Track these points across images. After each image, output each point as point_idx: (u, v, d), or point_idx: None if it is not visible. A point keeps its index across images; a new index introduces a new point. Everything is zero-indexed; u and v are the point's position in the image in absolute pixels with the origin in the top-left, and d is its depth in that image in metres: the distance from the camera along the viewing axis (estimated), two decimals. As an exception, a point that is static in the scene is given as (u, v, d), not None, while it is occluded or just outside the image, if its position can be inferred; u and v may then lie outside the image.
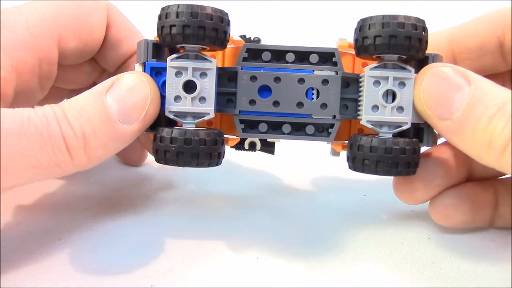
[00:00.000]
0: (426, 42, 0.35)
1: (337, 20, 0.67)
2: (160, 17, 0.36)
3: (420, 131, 0.38)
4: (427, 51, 0.36)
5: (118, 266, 0.37)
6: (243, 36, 0.41)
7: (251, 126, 0.38)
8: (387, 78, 0.36)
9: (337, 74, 0.37)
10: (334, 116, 0.37)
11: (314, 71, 0.37)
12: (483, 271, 0.37)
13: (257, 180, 0.53)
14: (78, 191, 0.49)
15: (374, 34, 0.35)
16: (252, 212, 0.45)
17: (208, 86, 0.36)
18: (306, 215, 0.45)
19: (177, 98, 0.36)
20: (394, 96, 0.36)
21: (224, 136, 0.38)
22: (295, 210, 0.46)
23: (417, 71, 0.36)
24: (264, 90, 0.37)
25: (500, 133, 0.31)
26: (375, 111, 0.36)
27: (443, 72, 0.34)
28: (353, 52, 0.38)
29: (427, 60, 0.37)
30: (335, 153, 0.41)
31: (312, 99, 0.37)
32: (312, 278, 0.36)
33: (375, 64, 0.36)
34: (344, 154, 0.39)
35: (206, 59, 0.36)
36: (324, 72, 0.37)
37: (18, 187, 0.34)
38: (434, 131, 0.38)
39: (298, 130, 0.38)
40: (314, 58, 0.38)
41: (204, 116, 0.37)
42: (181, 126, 0.37)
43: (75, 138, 0.33)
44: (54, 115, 0.33)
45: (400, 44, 0.34)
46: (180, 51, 0.37)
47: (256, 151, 0.43)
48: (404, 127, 0.36)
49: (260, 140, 0.42)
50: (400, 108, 0.36)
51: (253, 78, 0.37)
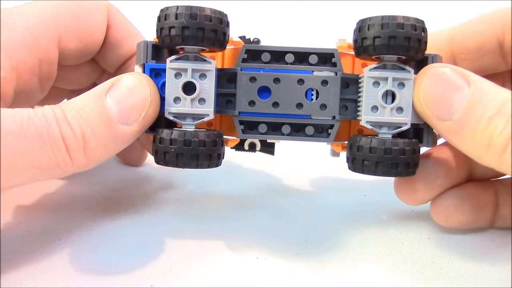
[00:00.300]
0: (426, 43, 0.35)
1: (336, 20, 0.67)
2: (159, 18, 0.36)
3: (420, 131, 0.38)
4: (427, 51, 0.36)
5: (118, 266, 0.37)
6: (243, 37, 0.42)
7: (250, 127, 0.38)
8: (386, 79, 0.36)
9: (336, 75, 0.37)
10: (334, 117, 0.37)
11: (313, 72, 0.37)
12: (483, 271, 0.37)
13: (257, 180, 0.53)
14: (78, 191, 0.49)
15: (373, 35, 0.35)
16: (252, 212, 0.45)
17: (207, 87, 0.36)
18: (306, 215, 0.45)
19: (176, 99, 0.36)
20: (393, 97, 0.36)
21: (224, 137, 0.38)
22: (295, 210, 0.46)
23: (416, 72, 0.36)
24: (264, 91, 0.37)
25: (500, 133, 0.31)
26: (375, 112, 0.36)
27: (442, 72, 0.34)
28: (352, 52, 0.38)
29: (426, 61, 0.37)
30: (334, 153, 0.41)
31: (312, 100, 0.37)
32: (312, 278, 0.36)
33: (374, 64, 0.36)
34: (343, 154, 0.39)
35: (206, 61, 0.36)
36: (324, 73, 0.37)
37: (18, 187, 0.34)
38: (434, 131, 0.38)
39: (298, 131, 0.38)
40: (313, 59, 0.38)
41: (203, 117, 0.37)
42: (180, 127, 0.37)
43: (75, 139, 0.33)
44: (53, 116, 0.33)
45: (399, 45, 0.34)
46: (180, 52, 0.37)
47: (256, 152, 0.43)
48: (404, 128, 0.36)
49: (260, 141, 0.42)
50: (400, 109, 0.36)
51: (252, 79, 0.37)
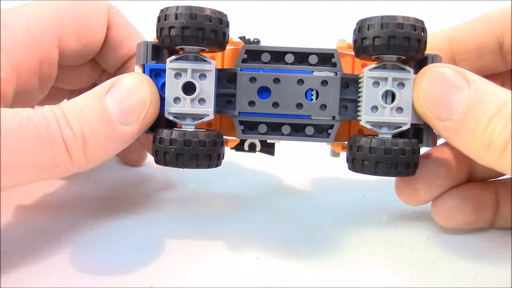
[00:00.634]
0: (425, 43, 0.35)
1: (336, 20, 0.67)
2: (159, 19, 0.36)
3: (420, 131, 0.38)
4: (427, 51, 0.36)
5: (118, 266, 0.37)
6: (243, 38, 0.42)
7: (250, 127, 0.38)
8: (386, 79, 0.36)
9: (336, 75, 0.37)
10: (334, 117, 0.37)
11: (313, 72, 0.37)
12: (483, 271, 0.37)
13: (257, 181, 0.53)
14: (78, 191, 0.49)
15: (373, 35, 0.34)
16: (252, 212, 0.45)
17: (207, 88, 0.36)
18: (306, 215, 0.45)
19: (176, 100, 0.36)
20: (393, 97, 0.36)
21: (224, 137, 0.38)
22: (295, 210, 0.46)
23: (416, 72, 0.36)
24: (264, 91, 0.37)
25: (500, 133, 0.31)
26: (375, 112, 0.36)
27: (442, 72, 0.34)
28: (352, 53, 0.38)
29: (426, 61, 0.37)
30: (334, 154, 0.41)
31: (312, 100, 0.37)
32: (312, 278, 0.36)
33: (374, 64, 0.36)
34: (343, 154, 0.39)
35: (206, 61, 0.36)
36: (324, 73, 0.37)
37: (18, 187, 0.34)
38: (434, 131, 0.37)
39: (298, 131, 0.38)
40: (313, 59, 0.38)
41: (203, 118, 0.37)
42: (180, 128, 0.37)
43: (74, 139, 0.33)
44: (53, 116, 0.33)
45: (399, 45, 0.34)
46: (180, 52, 0.37)
47: (256, 152, 0.43)
48: (404, 128, 0.36)
49: (260, 141, 0.42)
50: (400, 109, 0.36)
51: (252, 79, 0.37)
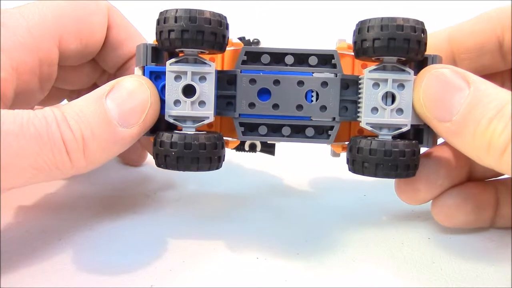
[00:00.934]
0: (425, 44, 0.35)
1: (336, 21, 0.67)
2: (158, 21, 0.35)
3: (420, 132, 0.38)
4: (427, 51, 0.36)
5: (118, 266, 0.37)
6: (242, 38, 0.41)
7: (251, 128, 0.38)
8: (386, 80, 0.36)
9: (336, 76, 0.37)
10: (334, 118, 0.37)
11: (313, 73, 0.37)
12: (483, 271, 0.37)
13: (257, 181, 0.53)
14: (79, 191, 0.49)
15: (373, 36, 0.34)
16: (252, 212, 0.46)
17: (207, 90, 0.36)
18: (306, 215, 0.45)
19: (176, 102, 0.36)
20: (393, 98, 0.36)
21: (224, 138, 0.38)
22: (295, 210, 0.46)
23: (416, 72, 0.36)
24: (264, 93, 0.37)
25: (500, 134, 0.31)
26: (375, 113, 0.36)
27: (442, 73, 0.34)
28: (352, 53, 0.38)
29: (426, 61, 0.37)
30: (335, 154, 0.41)
31: (312, 101, 0.37)
32: (312, 278, 0.36)
33: (374, 66, 0.36)
34: (344, 154, 0.39)
35: (205, 63, 0.36)
36: (323, 74, 0.37)
37: (18, 188, 0.34)
38: (434, 131, 0.37)
39: (298, 132, 0.38)
40: (313, 61, 0.38)
41: (204, 120, 0.37)
42: (181, 130, 0.37)
43: (74, 141, 0.33)
44: (54, 117, 0.33)
45: (399, 47, 0.34)
46: (179, 55, 0.37)
47: (257, 152, 0.43)
48: (404, 129, 0.36)
49: (260, 141, 0.42)
50: (400, 110, 0.36)
51: (252, 81, 0.37)
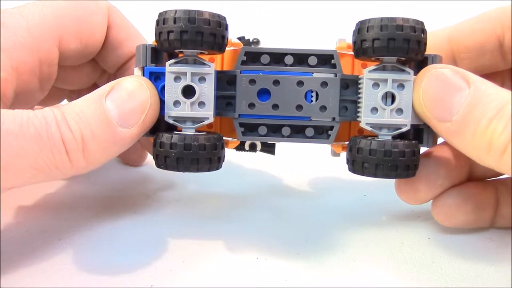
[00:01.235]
0: (425, 44, 0.35)
1: (336, 21, 0.67)
2: (157, 22, 0.35)
3: (420, 131, 0.38)
4: (427, 51, 0.36)
5: (118, 266, 0.37)
6: (242, 38, 0.41)
7: (250, 129, 0.38)
8: (386, 81, 0.36)
9: (336, 76, 0.37)
10: (334, 118, 0.37)
11: (313, 73, 0.37)
12: (483, 271, 0.37)
13: (257, 180, 0.53)
14: (79, 191, 0.49)
15: (373, 37, 0.34)
16: (252, 212, 0.46)
17: (207, 91, 0.36)
18: (306, 215, 0.45)
19: (176, 103, 0.36)
20: (393, 98, 0.36)
21: (224, 139, 0.38)
22: (295, 210, 0.46)
23: (416, 72, 0.36)
24: (263, 93, 0.37)
25: (500, 135, 0.31)
26: (375, 114, 0.36)
27: (442, 73, 0.34)
28: (352, 52, 0.38)
29: (426, 61, 0.37)
30: (335, 154, 0.41)
31: (311, 101, 0.37)
32: (312, 278, 0.36)
33: (374, 66, 0.36)
34: (344, 154, 0.39)
35: (205, 64, 0.36)
36: (323, 74, 0.37)
37: (18, 188, 0.34)
38: (434, 131, 0.37)
39: (298, 132, 0.38)
40: (313, 61, 0.37)
41: (203, 121, 0.37)
42: (180, 131, 0.37)
43: (74, 141, 0.33)
44: (53, 117, 0.33)
45: (399, 47, 0.34)
46: (179, 55, 0.37)
47: (257, 152, 0.43)
48: (404, 129, 0.36)
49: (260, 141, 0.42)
50: (400, 110, 0.36)
51: (252, 82, 0.37)
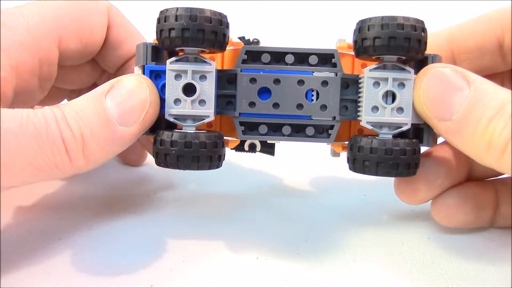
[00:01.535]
0: (426, 43, 0.35)
1: (336, 20, 0.67)
2: (159, 20, 0.35)
3: (420, 131, 0.38)
4: (427, 51, 0.36)
5: (118, 266, 0.37)
6: (242, 38, 0.41)
7: (251, 128, 0.38)
8: (386, 79, 0.36)
9: (336, 76, 0.37)
10: (334, 118, 0.37)
11: (313, 72, 0.37)
12: (483, 271, 0.37)
13: (257, 180, 0.53)
14: (79, 191, 0.49)
15: (374, 35, 0.34)
16: (252, 212, 0.45)
17: (207, 89, 0.36)
18: (306, 215, 0.45)
19: (177, 101, 0.36)
20: (394, 97, 0.36)
21: (224, 138, 0.38)
22: (295, 210, 0.46)
23: (416, 72, 0.36)
24: (264, 92, 0.37)
25: (500, 134, 0.31)
26: (375, 112, 0.36)
27: (442, 73, 0.34)
28: (352, 53, 0.38)
29: (426, 61, 0.37)
30: (335, 154, 0.41)
31: (312, 100, 0.37)
32: (312, 278, 0.36)
33: (374, 65, 0.36)
34: (344, 154, 0.39)
35: (206, 62, 0.36)
36: (324, 73, 0.37)
37: (18, 188, 0.34)
38: (434, 131, 0.37)
39: (298, 131, 0.38)
40: (313, 60, 0.38)
41: (204, 119, 0.37)
42: (181, 129, 0.37)
43: (74, 140, 0.33)
44: (53, 116, 0.33)
45: (399, 45, 0.34)
46: (179, 54, 0.37)
47: (256, 153, 0.43)
48: (404, 128, 0.36)
49: (260, 141, 0.42)
50: (400, 109, 0.36)
51: (252, 80, 0.37)
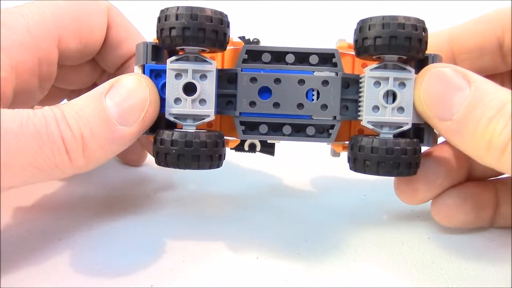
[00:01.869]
0: (426, 43, 0.35)
1: (336, 20, 0.67)
2: (159, 19, 0.35)
3: (421, 131, 0.38)
4: (427, 51, 0.36)
5: (118, 266, 0.37)
6: (242, 38, 0.41)
7: (251, 127, 0.38)
8: (387, 79, 0.36)
9: (337, 75, 0.37)
10: (335, 117, 0.37)
11: (314, 72, 0.37)
12: (483, 271, 0.37)
13: (257, 180, 0.53)
14: (78, 191, 0.49)
15: (374, 35, 0.34)
16: (252, 212, 0.45)
17: (208, 88, 0.36)
18: (306, 215, 0.45)
19: (177, 100, 0.36)
20: (394, 97, 0.36)
21: (224, 137, 0.38)
22: (295, 210, 0.46)
23: (417, 72, 0.36)
24: (264, 92, 0.37)
25: (500, 134, 0.31)
26: (376, 112, 0.36)
27: (443, 72, 0.34)
28: (352, 52, 0.38)
29: (427, 60, 0.37)
30: (335, 153, 0.41)
31: (313, 100, 0.37)
32: (312, 278, 0.36)
33: (375, 64, 0.36)
34: (344, 154, 0.39)
35: (206, 61, 0.36)
36: (324, 73, 0.37)
37: (18, 188, 0.34)
38: (435, 131, 0.38)
39: (299, 131, 0.38)
40: (314, 59, 0.38)
41: (204, 118, 0.36)
42: (181, 128, 0.37)
43: (74, 139, 0.33)
44: (53, 116, 0.33)
45: (400, 45, 0.34)
46: (180, 53, 0.37)
47: (256, 153, 0.43)
48: (405, 128, 0.36)
49: (260, 141, 0.42)
50: (401, 109, 0.36)
51: (253, 80, 0.37)
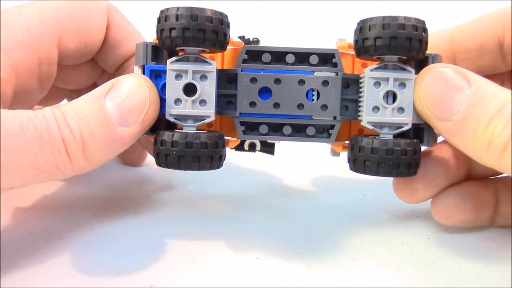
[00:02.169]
0: (426, 43, 0.35)
1: (336, 20, 0.67)
2: (159, 20, 0.35)
3: (421, 131, 0.38)
4: (427, 51, 0.36)
5: (118, 266, 0.37)
6: (242, 37, 0.41)
7: (251, 128, 0.38)
8: (387, 79, 0.36)
9: (337, 75, 0.37)
10: (335, 117, 0.37)
11: (314, 72, 0.37)
12: (483, 271, 0.37)
13: (257, 180, 0.53)
14: (78, 191, 0.49)
15: (375, 35, 0.34)
16: (252, 212, 0.45)
17: (208, 89, 0.36)
18: (306, 215, 0.45)
19: (177, 101, 0.36)
20: (394, 97, 0.36)
21: (225, 137, 0.38)
22: (295, 210, 0.46)
23: (417, 72, 0.36)
24: (265, 92, 0.37)
25: (500, 134, 0.31)
26: (376, 112, 0.36)
27: (443, 72, 0.34)
28: (352, 52, 0.38)
29: (427, 61, 0.37)
30: (335, 153, 0.41)
31: (313, 100, 0.37)
32: (312, 278, 0.36)
33: (375, 65, 0.36)
34: (344, 154, 0.39)
35: (206, 62, 0.36)
36: (324, 73, 0.37)
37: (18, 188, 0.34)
38: (434, 131, 0.38)
39: (299, 131, 0.38)
40: (314, 59, 0.38)
41: (204, 119, 0.36)
42: (181, 129, 0.37)
43: (74, 140, 0.33)
44: (53, 117, 0.33)
45: (400, 45, 0.34)
46: (180, 53, 0.37)
47: (256, 152, 0.43)
48: (405, 128, 0.36)
49: (260, 141, 0.42)
50: (401, 109, 0.36)
51: (253, 80, 0.37)
